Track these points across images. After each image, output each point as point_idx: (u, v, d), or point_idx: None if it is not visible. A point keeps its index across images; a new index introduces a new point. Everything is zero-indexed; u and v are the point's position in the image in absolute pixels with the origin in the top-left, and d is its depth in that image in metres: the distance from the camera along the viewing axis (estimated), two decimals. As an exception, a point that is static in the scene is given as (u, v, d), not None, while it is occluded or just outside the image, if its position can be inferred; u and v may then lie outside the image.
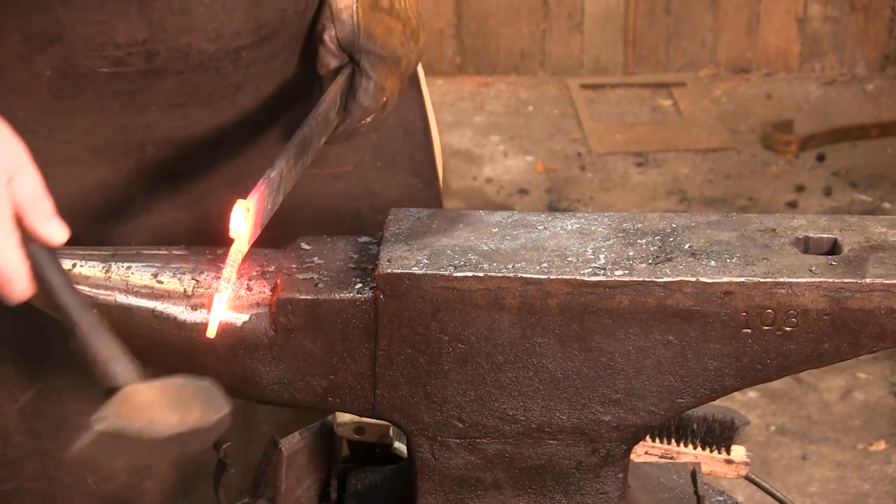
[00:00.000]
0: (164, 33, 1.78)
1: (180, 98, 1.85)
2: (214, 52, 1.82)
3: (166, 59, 1.79)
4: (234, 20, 1.81)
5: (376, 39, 1.88)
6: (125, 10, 1.75)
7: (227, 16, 1.80)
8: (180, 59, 1.80)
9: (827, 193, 5.06)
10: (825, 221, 1.68)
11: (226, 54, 1.83)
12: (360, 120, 1.89)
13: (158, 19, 1.76)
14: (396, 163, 2.13)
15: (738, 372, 1.61)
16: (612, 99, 5.81)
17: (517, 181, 5.20)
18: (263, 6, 1.83)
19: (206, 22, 1.79)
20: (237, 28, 1.82)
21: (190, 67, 1.82)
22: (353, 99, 1.88)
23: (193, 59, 1.81)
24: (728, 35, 5.92)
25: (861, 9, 5.88)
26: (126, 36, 1.77)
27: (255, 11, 1.83)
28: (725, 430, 1.94)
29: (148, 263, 1.64)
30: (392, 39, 1.90)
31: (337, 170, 2.09)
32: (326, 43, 1.89)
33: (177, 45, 1.79)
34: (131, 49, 1.77)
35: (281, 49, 1.90)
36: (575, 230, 1.67)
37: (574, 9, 5.90)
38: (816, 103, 5.74)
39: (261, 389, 1.64)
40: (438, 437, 1.65)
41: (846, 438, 3.82)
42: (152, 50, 1.78)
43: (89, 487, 2.03)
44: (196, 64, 1.82)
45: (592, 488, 1.67)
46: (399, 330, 1.60)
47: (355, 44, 1.88)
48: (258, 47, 1.86)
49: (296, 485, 1.80)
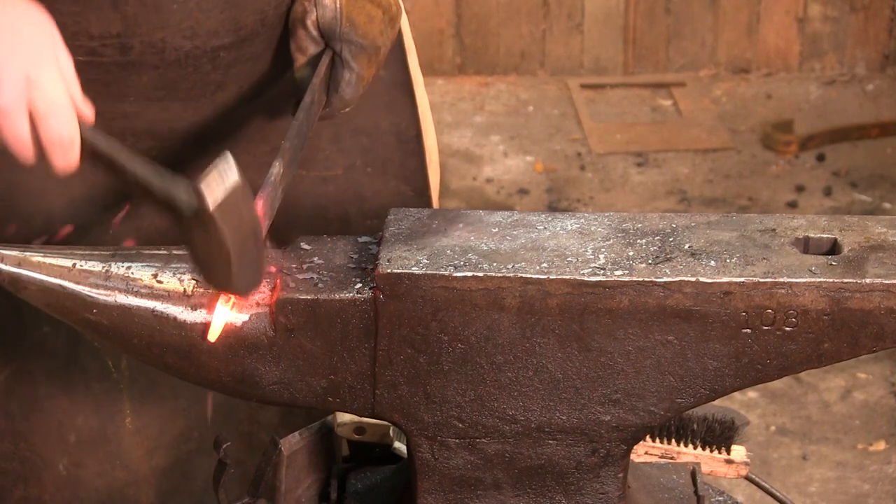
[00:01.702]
0: (138, 28, 1.78)
1: (158, 92, 1.85)
2: (191, 49, 1.82)
3: (141, 53, 1.80)
4: (210, 19, 1.81)
5: (357, 28, 1.86)
6: (98, 2, 1.75)
7: (202, 14, 1.80)
8: (155, 54, 1.80)
9: (827, 193, 5.06)
10: (825, 221, 1.68)
11: (203, 53, 1.83)
12: (340, 110, 1.88)
13: (132, 13, 1.77)
14: (387, 169, 2.13)
15: (738, 372, 1.61)
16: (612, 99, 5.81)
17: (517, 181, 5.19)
18: (242, 7, 1.83)
19: (181, 19, 1.79)
20: (214, 27, 1.82)
21: (166, 63, 1.82)
22: (334, 91, 1.86)
23: (169, 54, 1.81)
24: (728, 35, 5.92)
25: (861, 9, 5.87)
26: (99, 28, 1.77)
27: (233, 12, 1.82)
28: (725, 430, 1.94)
29: (148, 263, 1.64)
30: (372, 28, 1.88)
31: (326, 172, 2.09)
32: (308, 27, 1.86)
33: (151, 41, 1.79)
34: (105, 41, 1.78)
35: (263, 51, 1.90)
36: (575, 230, 1.67)
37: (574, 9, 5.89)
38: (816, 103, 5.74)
39: (261, 389, 1.64)
40: (438, 437, 1.65)
41: (846, 438, 3.82)
42: (126, 43, 1.79)
43: (60, 472, 2.03)
44: (172, 60, 1.82)
45: (592, 488, 1.67)
46: (399, 330, 1.60)
47: (336, 31, 1.85)
48: (237, 48, 1.86)
49: (296, 485, 1.80)
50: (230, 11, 1.82)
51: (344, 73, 1.86)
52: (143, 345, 1.61)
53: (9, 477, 2.03)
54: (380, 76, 1.98)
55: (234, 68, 1.87)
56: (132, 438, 2.05)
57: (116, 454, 2.05)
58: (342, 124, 2.05)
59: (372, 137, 2.10)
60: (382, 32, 1.90)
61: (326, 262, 1.66)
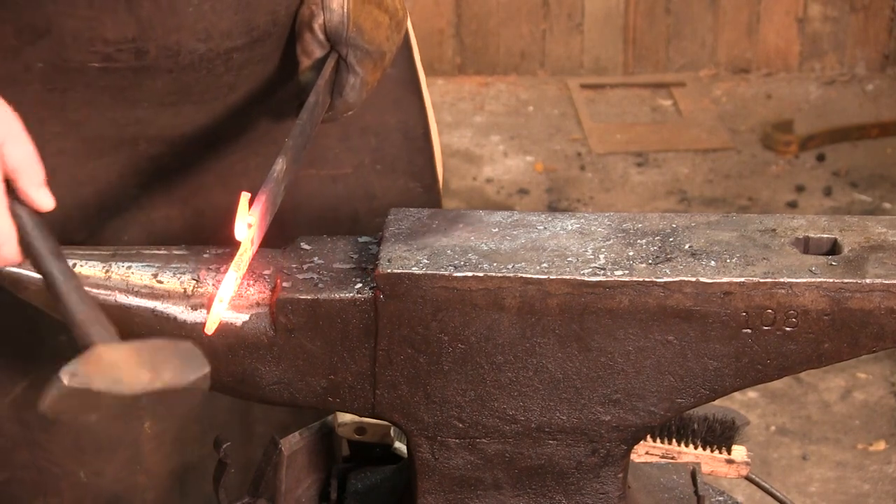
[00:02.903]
0: (153, 31, 1.78)
1: (172, 97, 1.85)
2: (205, 52, 1.82)
3: (156, 58, 1.80)
4: (223, 20, 1.81)
5: (364, 34, 1.85)
6: (113, 6, 1.75)
7: (216, 16, 1.80)
8: (170, 57, 1.80)
9: (827, 193, 5.06)
10: (825, 221, 1.68)
11: (217, 55, 1.83)
12: (343, 113, 1.88)
13: (147, 17, 1.76)
14: (396, 167, 2.12)
15: (738, 372, 1.61)
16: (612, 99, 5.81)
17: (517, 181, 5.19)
18: (254, 7, 1.83)
19: (195, 21, 1.79)
20: (227, 28, 1.82)
21: (180, 66, 1.82)
22: (339, 95, 1.85)
23: (184, 58, 1.81)
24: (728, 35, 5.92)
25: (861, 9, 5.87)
26: (115, 32, 1.77)
27: (246, 13, 1.82)
28: (726, 430, 1.94)
29: (148, 263, 1.64)
30: (379, 34, 1.88)
31: (335, 171, 2.09)
32: (315, 31, 1.85)
33: (166, 44, 1.79)
34: (121, 45, 1.77)
35: (273, 52, 1.90)
36: (575, 230, 1.67)
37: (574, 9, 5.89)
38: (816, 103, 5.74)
39: (261, 389, 1.64)
40: (438, 437, 1.65)
41: (846, 438, 3.82)
42: (142, 47, 1.78)
43: (80, 479, 2.03)
44: (187, 63, 1.82)
45: (592, 488, 1.67)
46: (399, 330, 1.60)
47: (343, 36, 1.84)
48: (249, 49, 1.86)
49: (296, 485, 1.80)
50: (243, 13, 1.82)
51: (349, 78, 1.85)
52: (143, 345, 1.61)
53: (26, 487, 2.02)
54: (387, 74, 1.97)
55: (245, 70, 1.88)
56: (151, 443, 2.05)
57: (136, 459, 2.05)
58: (350, 123, 2.05)
59: (380, 136, 2.10)
60: (388, 38, 1.89)
61: (326, 262, 1.66)
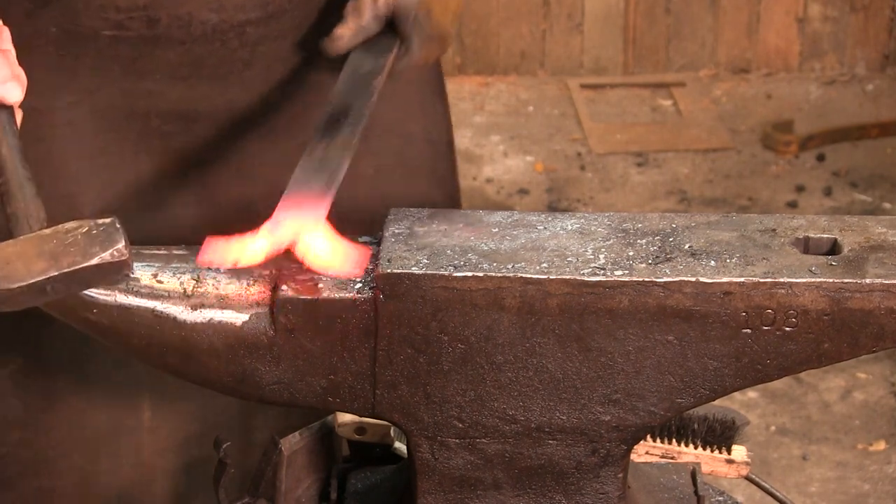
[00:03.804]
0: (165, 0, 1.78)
1: (184, 69, 1.85)
2: (218, 23, 1.81)
3: (168, 27, 1.80)
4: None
5: (432, 17, 1.81)
6: None
7: None
8: (182, 27, 1.80)
9: (827, 193, 5.06)
10: (825, 221, 1.68)
11: (230, 27, 1.82)
12: None
13: None
14: (418, 174, 2.10)
15: (738, 372, 1.61)
16: (612, 99, 5.81)
17: (517, 181, 5.19)
18: None
19: None
20: (241, 1, 1.81)
21: (192, 38, 1.81)
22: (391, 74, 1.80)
23: (195, 28, 1.81)
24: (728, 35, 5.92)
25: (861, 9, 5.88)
26: (126, 0, 1.77)
27: None
28: (726, 429, 1.94)
29: (148, 263, 1.64)
30: (445, 19, 1.83)
31: (354, 172, 2.08)
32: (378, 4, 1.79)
33: (178, 13, 1.79)
34: (132, 13, 1.78)
35: (290, 30, 1.88)
36: (575, 230, 1.67)
37: (574, 9, 5.90)
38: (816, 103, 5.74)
39: (261, 389, 1.64)
40: (438, 437, 1.65)
41: (846, 438, 3.82)
42: (153, 16, 1.79)
43: (74, 465, 2.02)
44: (199, 34, 1.81)
45: (592, 488, 1.67)
46: (399, 330, 1.60)
47: (410, 16, 1.78)
48: (265, 24, 1.85)
49: (296, 485, 1.80)
50: None
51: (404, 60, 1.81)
52: (143, 345, 1.61)
53: (21, 464, 2.02)
54: (410, 78, 1.94)
55: (261, 45, 1.86)
56: (149, 436, 2.04)
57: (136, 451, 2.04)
58: (371, 124, 2.04)
59: (403, 139, 2.07)
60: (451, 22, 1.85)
61: (326, 262, 1.66)
